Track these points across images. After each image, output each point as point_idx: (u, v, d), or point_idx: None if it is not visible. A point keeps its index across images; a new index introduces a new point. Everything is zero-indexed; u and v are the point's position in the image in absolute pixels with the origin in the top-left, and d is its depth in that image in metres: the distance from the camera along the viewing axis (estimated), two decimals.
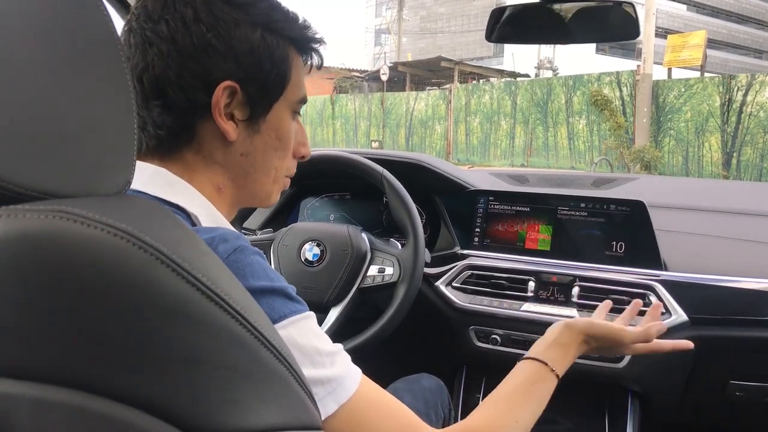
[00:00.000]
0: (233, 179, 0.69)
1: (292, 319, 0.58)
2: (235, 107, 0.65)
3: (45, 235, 0.36)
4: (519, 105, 12.54)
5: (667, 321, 1.17)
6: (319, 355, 0.59)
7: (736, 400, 1.25)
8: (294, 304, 0.59)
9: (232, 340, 0.41)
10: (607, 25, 1.05)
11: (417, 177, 1.42)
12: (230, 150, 0.66)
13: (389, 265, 1.18)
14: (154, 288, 0.38)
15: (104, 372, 0.37)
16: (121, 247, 0.37)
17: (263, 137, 0.68)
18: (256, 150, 0.68)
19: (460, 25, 30.96)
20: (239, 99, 0.64)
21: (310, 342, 0.58)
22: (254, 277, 0.56)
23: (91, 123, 0.43)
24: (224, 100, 0.63)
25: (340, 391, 0.59)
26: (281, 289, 0.58)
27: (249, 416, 0.42)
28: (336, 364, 0.60)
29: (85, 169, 0.42)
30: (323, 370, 0.58)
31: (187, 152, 0.65)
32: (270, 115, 0.67)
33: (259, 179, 0.70)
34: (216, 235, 0.57)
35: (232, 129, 0.64)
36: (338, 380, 0.59)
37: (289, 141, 0.71)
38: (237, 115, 0.65)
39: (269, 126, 0.68)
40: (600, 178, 1.78)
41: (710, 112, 9.54)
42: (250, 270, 0.56)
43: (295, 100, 0.70)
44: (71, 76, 0.41)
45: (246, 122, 0.66)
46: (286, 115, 0.69)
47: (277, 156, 0.70)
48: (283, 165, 0.72)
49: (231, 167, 0.68)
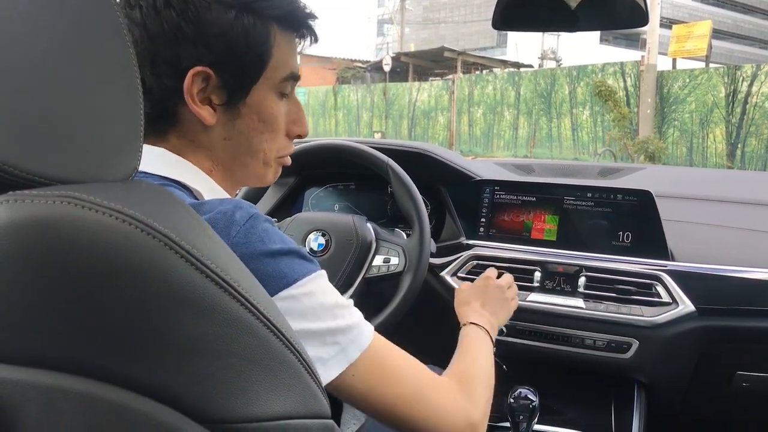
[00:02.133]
0: (220, 162, 0.69)
1: (311, 277, 0.61)
2: (212, 92, 0.64)
3: (53, 220, 0.36)
4: (522, 96, 12.49)
5: (674, 311, 1.17)
6: (339, 308, 0.62)
7: (743, 392, 1.24)
8: (310, 264, 0.62)
9: (242, 329, 0.41)
10: (615, 12, 1.04)
11: (422, 167, 1.41)
12: (212, 134, 0.66)
13: (395, 255, 1.17)
14: (164, 275, 0.38)
15: (114, 360, 0.37)
16: (130, 232, 0.37)
17: (245, 121, 0.67)
18: (239, 134, 0.67)
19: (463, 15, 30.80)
20: (215, 83, 0.63)
21: (330, 297, 0.62)
22: (272, 242, 0.59)
23: (98, 109, 0.42)
24: (198, 86, 0.62)
25: (361, 339, 0.63)
26: (297, 250, 0.61)
27: (259, 404, 0.41)
28: (354, 315, 0.64)
29: (93, 155, 0.42)
30: (344, 320, 0.62)
31: (172, 136, 0.65)
32: (250, 98, 0.66)
33: (247, 162, 0.70)
34: (230, 205, 0.58)
35: (208, 114, 0.64)
36: (358, 328, 0.63)
37: (274, 122, 0.69)
38: (214, 99, 0.64)
39: (250, 109, 0.67)
40: (606, 168, 1.77)
41: (715, 103, 9.49)
42: (266, 235, 0.59)
43: (278, 79, 0.68)
44: (77, 62, 0.41)
45: (224, 106, 0.65)
46: (269, 96, 0.68)
47: (263, 139, 0.69)
48: (273, 147, 0.71)
49: (216, 151, 0.67)
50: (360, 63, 22.37)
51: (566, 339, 1.23)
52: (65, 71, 0.40)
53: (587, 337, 1.21)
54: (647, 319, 1.17)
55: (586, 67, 11.33)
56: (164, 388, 0.38)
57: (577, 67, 11.69)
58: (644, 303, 1.20)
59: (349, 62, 22.28)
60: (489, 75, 14.42)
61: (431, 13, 33.54)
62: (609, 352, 1.20)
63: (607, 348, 1.20)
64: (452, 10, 32.28)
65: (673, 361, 1.23)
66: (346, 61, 22.25)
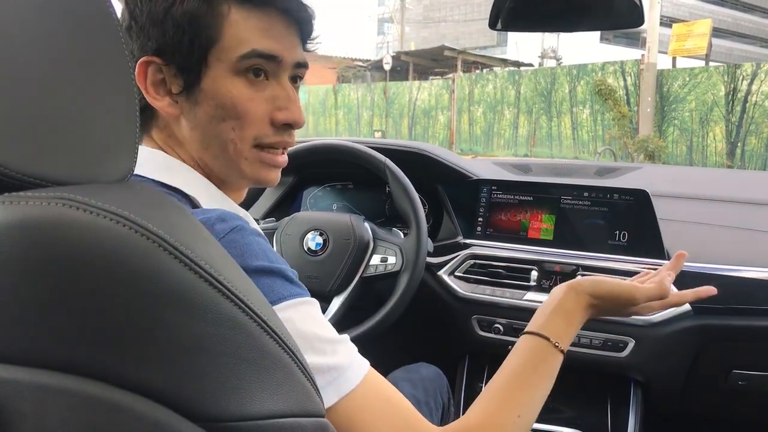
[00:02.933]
0: (197, 156, 0.65)
1: (291, 302, 0.56)
2: (170, 81, 0.62)
3: (47, 221, 0.36)
4: (522, 94, 12.48)
5: (670, 310, 1.17)
6: (319, 342, 0.56)
7: (739, 390, 1.25)
8: (294, 287, 0.57)
9: (236, 328, 0.42)
10: (612, 12, 1.04)
11: (419, 166, 1.42)
12: (181, 126, 0.64)
13: (392, 254, 1.18)
14: (157, 275, 0.38)
15: (107, 359, 0.37)
16: (123, 234, 0.37)
17: (204, 108, 0.63)
18: (200, 123, 0.63)
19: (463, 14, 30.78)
20: (169, 72, 0.61)
21: (310, 328, 0.56)
22: (252, 257, 0.54)
23: (93, 110, 0.42)
24: (153, 76, 0.61)
25: (341, 382, 0.57)
26: (280, 270, 0.56)
27: (252, 403, 0.42)
28: (338, 353, 0.58)
29: (87, 157, 0.42)
30: (324, 358, 0.56)
31: (153, 130, 0.64)
32: (205, 82, 0.62)
33: (217, 155, 0.65)
34: (213, 216, 0.56)
35: (165, 105, 0.62)
36: (339, 370, 0.57)
37: (236, 108, 0.63)
38: (172, 89, 0.62)
39: (207, 95, 0.62)
40: (603, 168, 1.77)
41: (715, 102, 9.49)
42: (248, 250, 0.55)
43: (234, 59, 0.62)
44: (72, 63, 0.41)
45: (182, 95, 0.62)
46: (226, 79, 0.62)
47: (227, 127, 0.63)
48: (246, 135, 0.64)
49: (190, 144, 0.65)
50: (360, 62, 22.36)
51: None
52: (60, 72, 0.40)
53: (583, 336, 1.21)
54: (643, 318, 1.18)
55: (586, 66, 11.33)
56: (158, 387, 0.38)
57: (577, 65, 11.68)
58: None
59: (350, 61, 22.27)
60: (489, 74, 14.42)
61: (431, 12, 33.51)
62: (605, 351, 1.21)
63: (603, 347, 1.21)
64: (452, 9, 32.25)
65: (668, 360, 1.23)
66: (346, 60, 22.24)
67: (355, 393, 0.57)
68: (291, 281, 0.57)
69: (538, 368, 0.68)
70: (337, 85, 18.55)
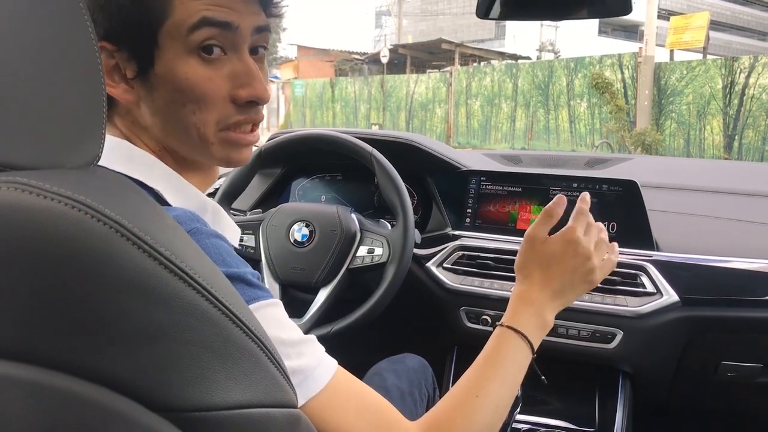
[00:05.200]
0: (165, 142, 0.62)
1: (253, 306, 0.54)
2: (124, 66, 0.58)
3: (1, 206, 0.35)
4: (520, 88, 12.46)
5: (658, 301, 1.17)
6: (283, 346, 0.54)
7: (728, 381, 1.25)
8: (255, 291, 0.55)
9: (197, 316, 0.41)
10: (598, 1, 1.03)
11: (409, 157, 1.41)
12: (142, 112, 0.60)
13: (378, 245, 1.17)
14: (114, 261, 0.37)
15: (63, 347, 0.37)
16: (78, 219, 0.36)
17: (161, 93, 0.59)
18: (160, 109, 0.60)
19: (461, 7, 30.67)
20: (122, 57, 0.58)
21: (274, 332, 0.54)
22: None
23: (57, 95, 0.42)
24: (105, 62, 0.57)
25: (309, 383, 0.56)
26: (239, 274, 0.54)
27: (216, 393, 0.41)
28: (304, 355, 0.57)
29: (51, 142, 0.41)
30: (289, 361, 0.54)
31: (116, 117, 0.61)
32: (158, 66, 0.57)
33: (182, 139, 0.61)
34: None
35: (120, 91, 0.58)
36: (306, 372, 0.56)
37: (194, 90, 0.58)
38: (128, 74, 0.58)
39: (162, 79, 0.58)
40: (594, 159, 1.77)
41: (712, 95, 9.48)
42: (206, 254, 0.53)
43: (184, 33, 0.56)
44: (36, 47, 0.40)
45: (138, 80, 0.58)
46: (180, 60, 0.57)
47: (189, 110, 0.59)
48: (207, 118, 0.60)
49: (153, 129, 0.61)
50: (358, 55, 22.30)
51: (550, 329, 1.22)
52: (23, 57, 0.39)
53: (571, 327, 1.21)
54: (632, 309, 1.17)
55: (583, 59, 11.30)
56: (116, 376, 0.37)
57: (574, 58, 11.65)
58: (629, 293, 1.20)
59: (347, 54, 22.20)
60: (487, 67, 14.35)
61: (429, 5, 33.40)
62: (593, 343, 1.21)
63: (591, 338, 1.20)
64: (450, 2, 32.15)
65: (657, 351, 1.23)
66: (343, 53, 22.17)
67: (324, 393, 0.57)
68: (251, 284, 0.55)
69: (509, 367, 0.72)
70: (335, 79, 18.50)
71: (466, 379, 0.70)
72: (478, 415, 0.65)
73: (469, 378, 0.70)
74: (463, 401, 0.66)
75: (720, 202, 1.45)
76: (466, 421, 0.64)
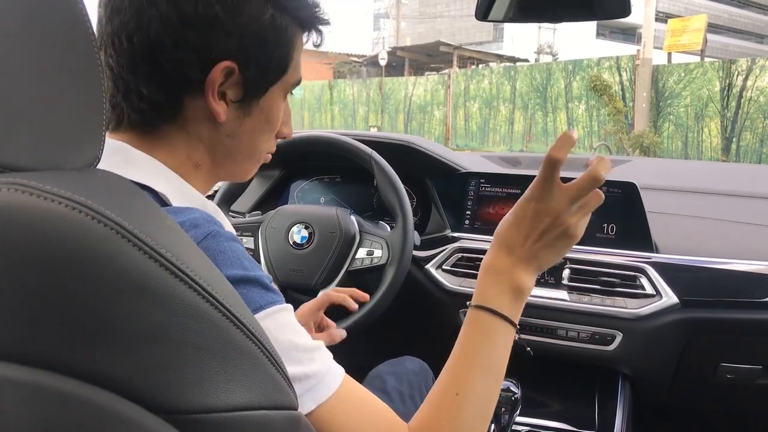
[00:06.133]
0: (214, 158, 0.65)
1: (268, 311, 0.55)
2: (229, 87, 0.60)
3: (1, 207, 0.35)
4: (518, 90, 12.47)
5: (657, 303, 1.17)
6: (296, 351, 0.55)
7: (727, 383, 1.25)
8: (270, 295, 0.56)
9: (197, 317, 0.40)
10: (597, 3, 1.03)
11: (408, 159, 1.41)
12: (217, 130, 0.62)
13: (378, 247, 1.17)
14: (114, 263, 0.37)
15: (63, 349, 0.36)
16: (79, 220, 0.36)
17: (253, 120, 0.64)
18: (243, 132, 0.64)
19: (459, 10, 30.72)
20: (235, 80, 0.59)
21: (287, 336, 0.55)
22: (227, 266, 0.53)
23: (55, 95, 0.41)
24: (219, 80, 0.58)
25: (320, 389, 0.56)
26: (257, 278, 0.55)
27: (216, 395, 0.41)
28: (315, 361, 0.57)
29: (51, 144, 0.41)
30: (300, 367, 0.55)
31: (169, 127, 0.61)
32: (264, 98, 0.63)
33: (241, 160, 0.67)
34: (185, 220, 0.54)
35: (223, 110, 0.60)
36: (317, 377, 0.56)
37: (277, 123, 0.67)
38: (230, 95, 0.61)
39: (261, 109, 0.64)
40: None
41: (710, 97, 9.50)
42: (222, 258, 0.53)
43: (292, 82, 0.66)
44: (36, 48, 0.40)
45: (238, 103, 0.62)
46: (279, 97, 0.65)
47: (264, 138, 0.67)
48: (269, 147, 0.69)
49: (215, 147, 0.64)
50: (356, 57, 22.32)
51: (550, 331, 1.23)
52: (22, 57, 0.39)
53: (571, 329, 1.21)
54: (631, 311, 1.17)
55: (581, 62, 11.32)
56: (116, 378, 0.37)
57: (572, 61, 11.67)
58: (628, 295, 1.20)
59: (345, 57, 22.22)
60: (485, 69, 14.37)
61: (427, 8, 33.44)
62: (593, 344, 1.20)
63: (590, 340, 1.20)
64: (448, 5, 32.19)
65: (656, 353, 1.23)
66: (342, 56, 22.19)
67: (333, 399, 0.57)
68: (267, 288, 0.56)
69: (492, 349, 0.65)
70: (333, 81, 18.51)
71: (443, 375, 0.64)
72: (464, 413, 0.61)
73: (447, 374, 0.64)
74: (443, 402, 0.62)
75: (718, 204, 1.45)
76: (451, 424, 0.61)
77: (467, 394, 0.62)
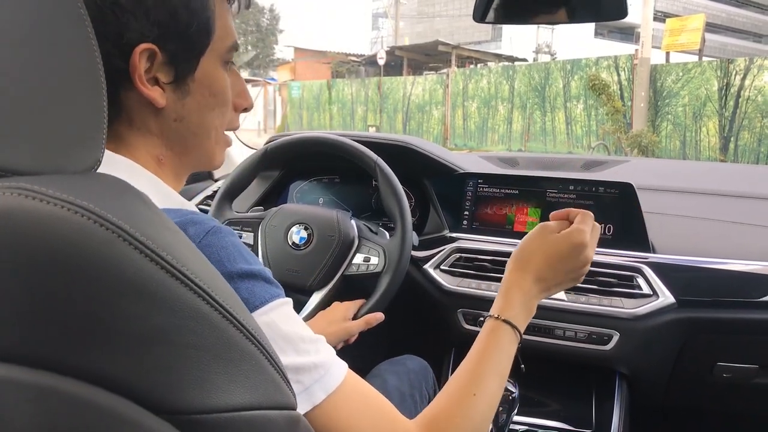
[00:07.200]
0: (172, 148, 0.63)
1: (272, 304, 0.56)
2: (158, 70, 0.58)
3: (3, 211, 0.35)
4: (517, 89, 12.48)
5: (654, 303, 1.17)
6: (303, 342, 0.57)
7: (724, 382, 1.25)
8: (273, 288, 0.57)
9: (198, 319, 0.41)
10: (595, 5, 1.03)
11: (406, 160, 1.41)
12: (162, 117, 0.60)
13: (375, 254, 1.17)
14: (115, 266, 0.37)
15: (65, 351, 0.37)
16: (80, 224, 0.37)
17: (195, 98, 0.61)
18: (189, 113, 0.62)
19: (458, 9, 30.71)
20: (160, 60, 0.57)
21: (293, 328, 0.57)
22: (231, 261, 0.54)
23: (56, 99, 0.42)
24: (144, 65, 0.56)
25: (329, 379, 0.57)
26: (260, 272, 0.57)
27: (217, 395, 0.41)
28: (321, 352, 0.58)
29: (52, 147, 0.42)
30: (308, 357, 0.56)
31: (119, 126, 0.60)
32: (198, 72, 0.61)
33: (199, 143, 0.65)
34: (184, 219, 0.55)
35: (158, 95, 0.58)
36: (325, 367, 0.57)
37: (225, 95, 0.64)
38: (161, 78, 0.58)
39: (200, 84, 0.61)
40: (590, 161, 1.77)
41: (708, 97, 9.51)
42: (225, 253, 0.54)
43: (224, 48, 0.63)
44: (36, 52, 0.41)
45: (173, 84, 0.60)
46: (216, 67, 0.63)
47: (215, 115, 0.64)
48: (223, 122, 0.66)
49: (168, 136, 0.62)
50: (354, 57, 22.30)
51: (547, 331, 1.23)
52: (23, 61, 0.40)
53: (568, 329, 1.21)
54: (628, 311, 1.18)
55: (580, 61, 11.32)
56: (118, 379, 0.38)
57: (571, 60, 11.67)
58: (625, 295, 1.20)
59: (344, 56, 22.21)
60: (483, 69, 14.37)
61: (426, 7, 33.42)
62: (590, 344, 1.21)
63: (588, 340, 1.21)
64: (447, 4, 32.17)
65: (653, 353, 1.23)
66: (340, 55, 22.17)
67: (340, 389, 0.58)
68: (270, 282, 0.57)
69: (502, 359, 0.73)
70: (331, 81, 18.50)
71: (462, 375, 0.70)
72: (476, 413, 0.66)
73: (465, 374, 0.70)
74: (460, 399, 0.67)
75: (716, 204, 1.45)
76: (465, 420, 0.65)
77: (483, 395, 0.68)
